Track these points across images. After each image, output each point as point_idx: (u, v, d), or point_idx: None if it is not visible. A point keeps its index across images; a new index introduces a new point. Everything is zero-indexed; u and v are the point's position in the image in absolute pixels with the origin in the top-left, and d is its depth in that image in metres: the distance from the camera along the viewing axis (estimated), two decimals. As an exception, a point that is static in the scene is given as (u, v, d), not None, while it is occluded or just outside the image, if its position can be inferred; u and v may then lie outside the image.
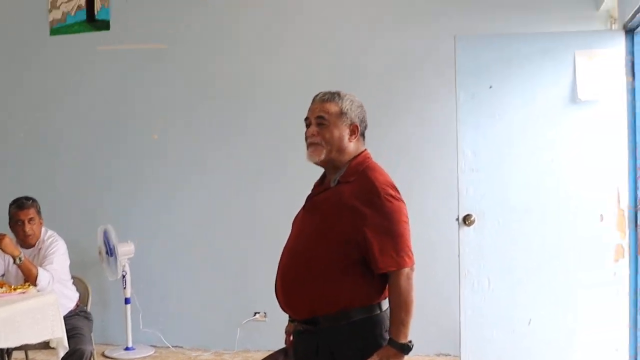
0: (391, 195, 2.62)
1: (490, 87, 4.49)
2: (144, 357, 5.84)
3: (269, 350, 5.56)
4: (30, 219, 4.68)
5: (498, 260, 4.51)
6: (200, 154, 6.13)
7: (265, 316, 5.87)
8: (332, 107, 2.72)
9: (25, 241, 4.71)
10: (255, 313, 5.92)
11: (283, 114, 5.80)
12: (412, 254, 2.63)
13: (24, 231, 4.67)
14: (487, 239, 4.50)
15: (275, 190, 5.88)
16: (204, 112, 6.12)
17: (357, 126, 2.74)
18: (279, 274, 2.76)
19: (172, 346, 6.03)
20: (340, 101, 2.74)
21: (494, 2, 5.49)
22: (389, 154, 4.73)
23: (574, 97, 4.42)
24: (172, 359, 5.81)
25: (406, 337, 2.56)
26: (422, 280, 5.11)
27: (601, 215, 4.39)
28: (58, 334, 4.25)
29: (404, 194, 2.71)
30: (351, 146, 2.73)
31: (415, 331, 2.67)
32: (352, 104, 2.75)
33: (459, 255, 4.51)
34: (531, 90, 4.49)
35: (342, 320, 2.60)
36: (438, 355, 5.57)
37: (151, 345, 6.03)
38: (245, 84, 6.02)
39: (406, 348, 2.56)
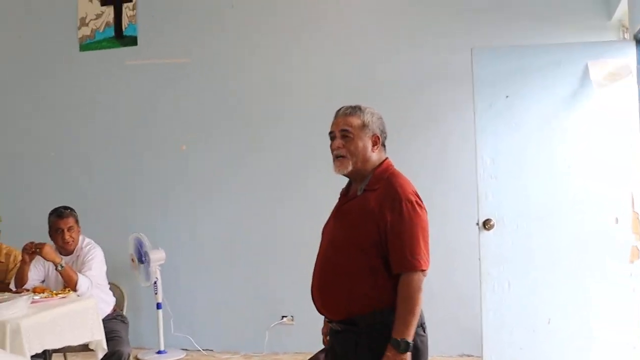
0: (411, 202, 2.74)
1: (507, 97, 4.59)
2: (176, 360, 5.99)
3: (296, 353, 5.85)
4: (70, 228, 4.81)
5: (517, 263, 4.59)
6: (226, 164, 6.28)
7: (292, 320, 6.00)
8: (355, 120, 2.87)
9: (64, 248, 4.84)
10: (283, 317, 6.04)
11: (305, 126, 5.96)
12: (427, 259, 2.74)
13: (64, 239, 4.80)
14: (507, 243, 4.58)
15: (300, 198, 6.03)
16: (229, 124, 6.27)
17: (378, 137, 2.89)
18: (314, 279, 2.91)
19: (203, 349, 6.16)
20: (361, 114, 2.89)
21: (509, 15, 5.59)
22: (410, 161, 4.80)
23: (587, 106, 4.51)
24: (203, 361, 5.95)
25: (410, 336, 2.65)
26: (444, 282, 5.35)
27: (616, 219, 4.48)
28: (97, 337, 4.37)
29: (425, 200, 2.84)
30: (374, 156, 2.88)
31: (437, 332, 2.79)
32: (372, 116, 2.90)
33: (479, 259, 4.60)
34: (546, 99, 4.58)
35: (376, 319, 2.71)
36: (461, 356, 5.65)
37: (182, 349, 6.18)
38: (267, 96, 6.18)
39: (407, 347, 2.64)
